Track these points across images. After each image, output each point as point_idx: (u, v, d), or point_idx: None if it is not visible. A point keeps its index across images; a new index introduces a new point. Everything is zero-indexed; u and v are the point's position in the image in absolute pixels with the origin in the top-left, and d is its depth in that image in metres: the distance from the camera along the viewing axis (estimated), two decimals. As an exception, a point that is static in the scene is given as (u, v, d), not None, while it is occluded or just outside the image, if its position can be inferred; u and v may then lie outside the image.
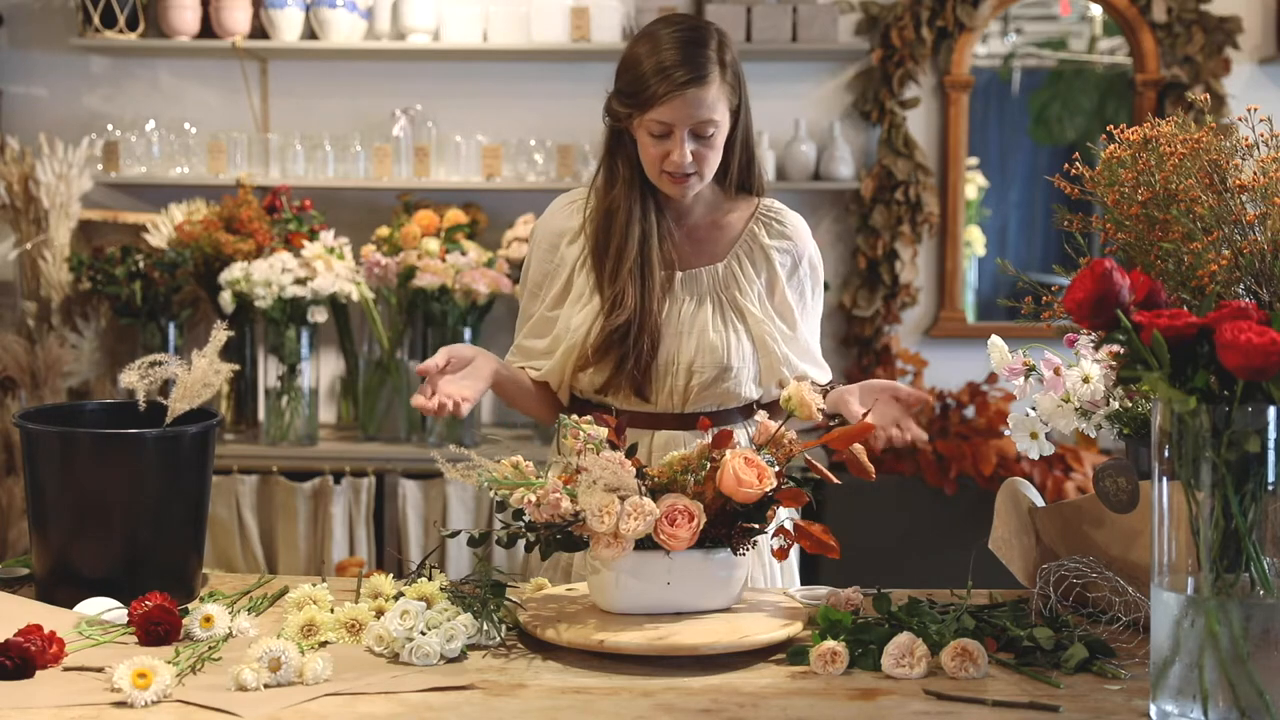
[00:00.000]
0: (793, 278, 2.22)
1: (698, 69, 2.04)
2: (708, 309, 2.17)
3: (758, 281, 2.20)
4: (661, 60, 2.04)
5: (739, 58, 2.13)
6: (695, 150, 2.08)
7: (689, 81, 2.03)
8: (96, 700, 1.51)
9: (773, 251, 2.21)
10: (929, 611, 1.75)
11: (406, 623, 1.66)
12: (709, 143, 2.09)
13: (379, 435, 4.25)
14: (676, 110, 2.04)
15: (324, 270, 4.03)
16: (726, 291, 2.19)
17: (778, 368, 2.18)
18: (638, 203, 2.15)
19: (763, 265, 2.20)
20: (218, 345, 2.03)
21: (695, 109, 2.04)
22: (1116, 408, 1.79)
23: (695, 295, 2.18)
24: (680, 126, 2.06)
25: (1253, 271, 1.57)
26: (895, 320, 4.57)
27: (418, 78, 4.58)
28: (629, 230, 2.15)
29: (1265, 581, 1.39)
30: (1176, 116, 1.70)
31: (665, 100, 2.03)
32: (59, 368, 4.06)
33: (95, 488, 1.86)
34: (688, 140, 2.07)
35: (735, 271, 2.19)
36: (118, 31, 4.39)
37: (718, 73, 2.06)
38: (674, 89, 2.03)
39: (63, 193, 4.20)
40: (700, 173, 2.11)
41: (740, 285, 2.19)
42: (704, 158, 2.09)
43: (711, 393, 2.16)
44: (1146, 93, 4.52)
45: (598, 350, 2.13)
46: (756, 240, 2.21)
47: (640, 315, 2.13)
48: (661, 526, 1.69)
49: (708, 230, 2.22)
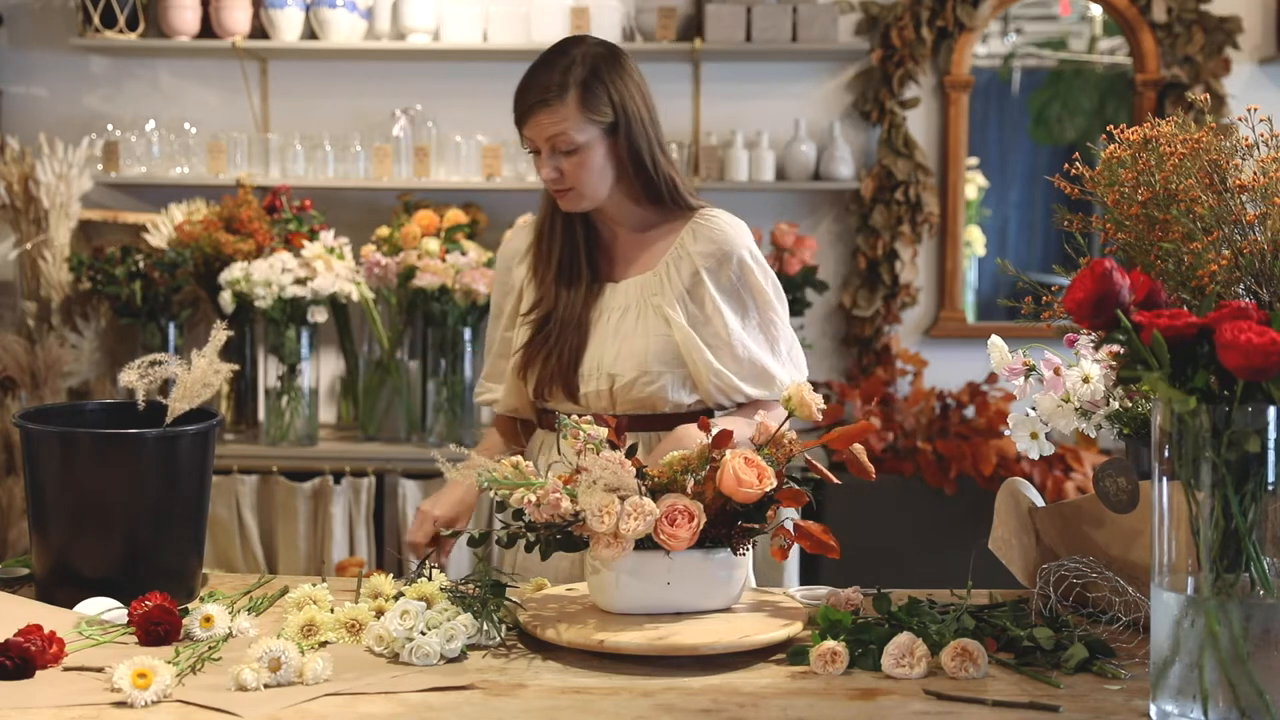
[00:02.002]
0: (720, 280, 2.18)
1: (544, 91, 2.11)
2: (633, 316, 2.19)
3: (681, 288, 2.18)
4: (520, 83, 2.17)
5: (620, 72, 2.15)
6: (563, 167, 2.13)
7: (536, 104, 2.12)
8: (96, 700, 1.51)
9: (697, 257, 2.19)
10: (929, 611, 1.75)
11: (406, 623, 1.66)
12: (575, 159, 2.12)
13: (379, 435, 4.25)
14: (532, 130, 2.14)
15: (324, 270, 4.03)
16: (652, 299, 2.19)
17: (705, 377, 2.16)
18: (560, 215, 2.22)
19: (689, 271, 2.19)
20: (218, 345, 2.03)
21: (545, 129, 2.12)
22: (1116, 408, 1.79)
23: (624, 305, 2.21)
24: (541, 145, 2.14)
25: (1253, 271, 1.57)
26: (895, 320, 4.57)
27: (418, 78, 4.58)
28: (552, 240, 2.23)
29: (1265, 581, 1.39)
30: (1176, 116, 1.70)
31: (522, 121, 2.15)
32: (59, 368, 4.06)
33: (95, 488, 1.86)
34: (552, 157, 2.13)
35: (662, 279, 2.20)
36: (118, 31, 4.39)
37: (573, 94, 2.10)
38: (525, 110, 2.14)
39: (63, 193, 4.20)
40: (576, 188, 2.15)
41: (665, 293, 2.19)
42: (573, 173, 2.13)
43: (636, 396, 2.16)
44: (1146, 93, 4.52)
45: (524, 347, 2.22)
46: (684, 248, 2.20)
47: (559, 313, 2.19)
48: (661, 526, 1.69)
49: (641, 243, 2.24)
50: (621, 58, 2.18)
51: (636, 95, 2.16)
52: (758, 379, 2.19)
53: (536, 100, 2.11)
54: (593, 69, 2.12)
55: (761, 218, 4.48)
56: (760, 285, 2.21)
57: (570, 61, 2.13)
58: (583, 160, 2.12)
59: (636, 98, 2.16)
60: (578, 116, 2.11)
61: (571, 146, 2.11)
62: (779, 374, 2.20)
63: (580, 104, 2.11)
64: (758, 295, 2.21)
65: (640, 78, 2.19)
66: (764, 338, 2.22)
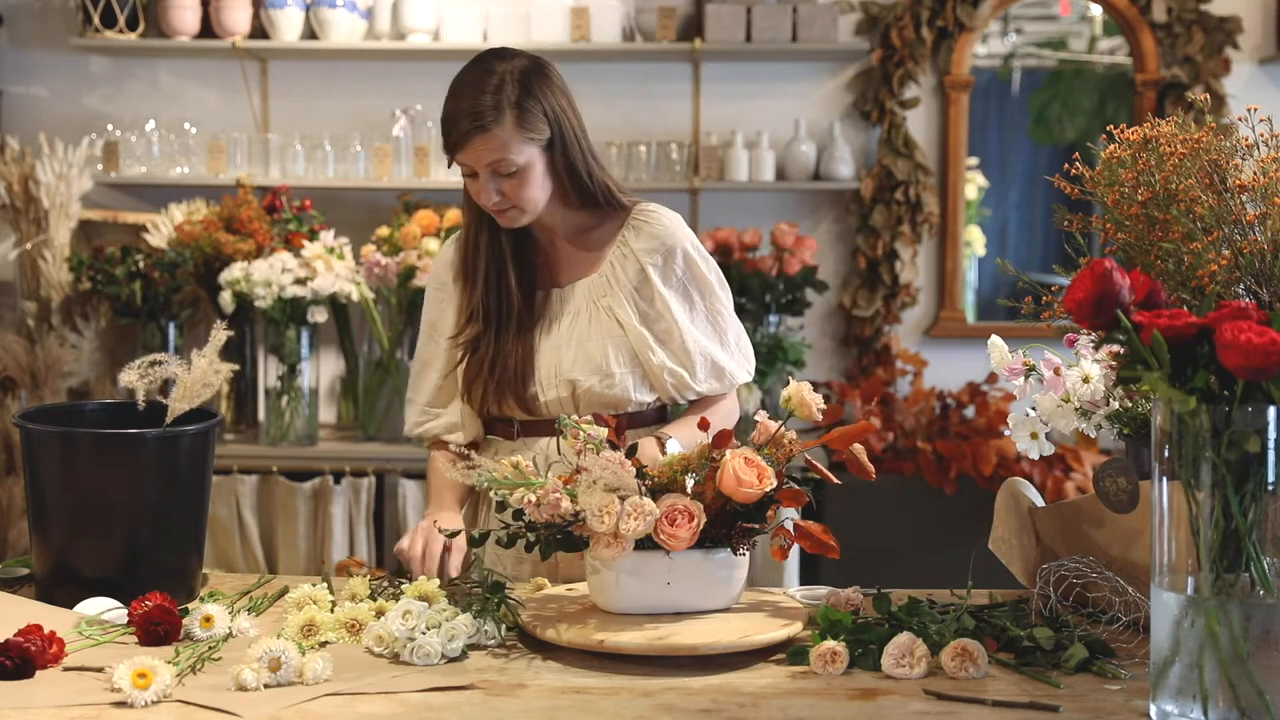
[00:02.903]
0: (668, 276, 2.18)
1: (478, 117, 2.04)
2: (585, 320, 2.17)
3: (629, 286, 2.17)
4: (448, 110, 2.09)
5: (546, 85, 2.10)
6: (503, 187, 2.08)
7: (471, 130, 2.05)
8: (96, 700, 1.51)
9: (642, 254, 2.18)
10: (929, 611, 1.75)
11: (409, 622, 1.66)
12: (516, 180, 2.08)
13: (379, 435, 4.25)
14: (469, 156, 2.07)
15: (324, 270, 4.03)
16: (602, 300, 2.18)
17: (659, 375, 2.15)
18: (485, 228, 2.18)
19: (635, 269, 2.18)
20: (218, 345, 2.03)
21: (484, 154, 2.06)
22: (1116, 408, 1.79)
23: (573, 309, 2.19)
24: (479, 169, 2.08)
25: (1253, 271, 1.57)
26: (895, 320, 4.57)
27: (418, 78, 4.58)
28: (477, 255, 2.19)
29: (1265, 581, 1.39)
30: (1176, 116, 1.70)
31: (458, 148, 2.08)
32: (59, 368, 4.06)
33: (95, 488, 1.86)
34: (492, 180, 2.08)
35: (609, 279, 2.18)
36: (118, 31, 4.39)
37: (509, 115, 2.05)
38: (460, 137, 2.06)
39: (63, 193, 4.21)
40: (519, 206, 2.11)
41: (612, 290, 2.18)
42: (515, 193, 2.09)
43: (599, 400, 2.15)
44: (1146, 93, 4.52)
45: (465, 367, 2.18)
46: (627, 245, 2.19)
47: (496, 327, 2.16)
48: (661, 526, 1.69)
49: (580, 245, 2.21)
50: (547, 69, 2.14)
51: (566, 106, 2.13)
52: (709, 373, 2.19)
53: (472, 126, 2.05)
54: (524, 86, 2.08)
55: (761, 218, 4.48)
56: (705, 276, 2.21)
57: (500, 81, 2.07)
58: (524, 179, 2.09)
59: (567, 109, 2.13)
60: (516, 138, 2.06)
61: (513, 169, 2.07)
62: (729, 367, 2.21)
63: (517, 124, 2.06)
64: (703, 286, 2.21)
65: (564, 85, 2.16)
66: (712, 330, 2.21)
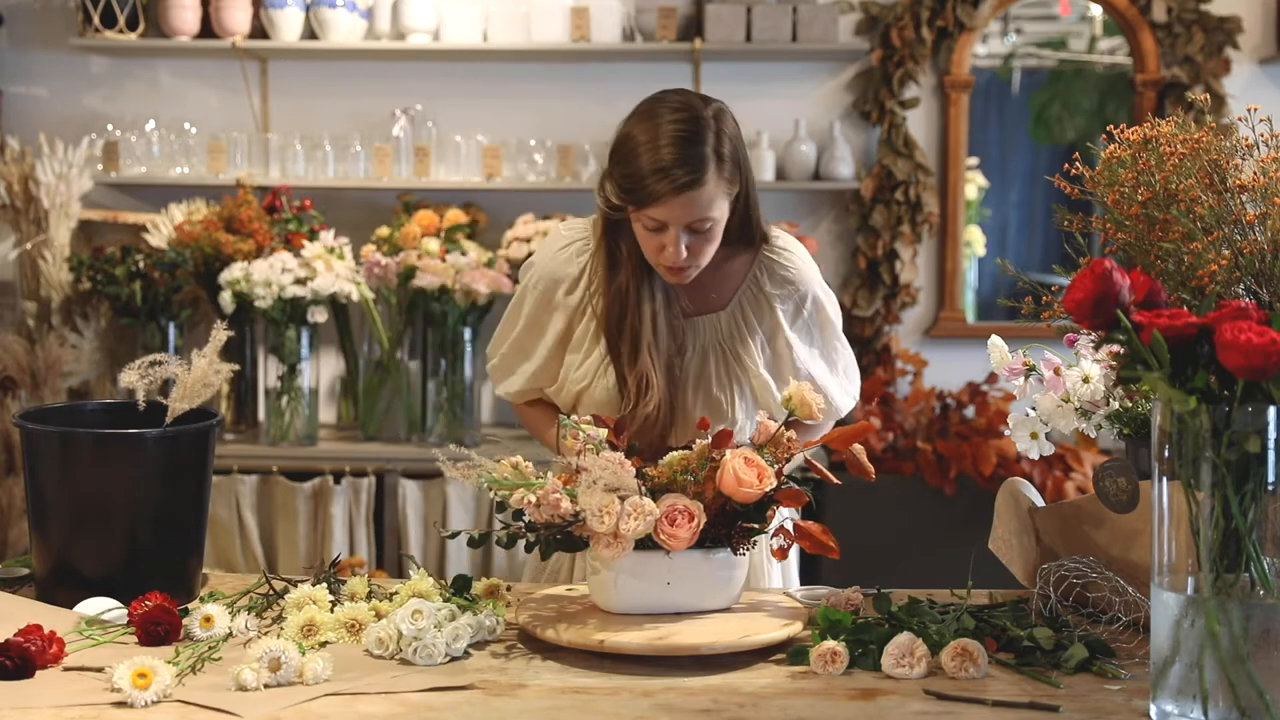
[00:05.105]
0: (796, 322, 2.16)
1: (694, 170, 1.95)
2: (711, 363, 2.13)
3: (759, 331, 2.14)
4: (659, 159, 1.95)
5: (737, 132, 2.02)
6: (691, 243, 2.01)
7: (686, 185, 1.95)
8: (96, 700, 1.51)
9: (775, 299, 2.14)
10: (929, 611, 1.75)
11: (418, 622, 1.66)
12: (706, 236, 2.01)
13: (379, 435, 4.25)
14: (672, 210, 1.97)
15: (324, 270, 4.03)
16: (729, 343, 2.13)
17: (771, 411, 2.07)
18: (645, 284, 2.09)
19: (765, 313, 2.14)
20: (218, 345, 2.03)
21: (692, 209, 1.97)
22: (1116, 408, 1.79)
23: (698, 345, 2.13)
24: (675, 225, 1.99)
25: (1253, 271, 1.57)
26: (895, 320, 4.57)
27: (418, 78, 4.58)
28: (640, 314, 2.08)
29: (1265, 581, 1.39)
30: (1176, 116, 1.70)
31: (662, 201, 1.96)
32: (59, 368, 4.06)
33: (95, 488, 1.86)
34: (685, 235, 2.00)
35: (738, 320, 2.14)
36: (118, 31, 4.39)
37: (714, 169, 1.97)
38: (670, 192, 1.95)
39: (63, 193, 4.21)
40: (696, 263, 2.04)
41: (742, 336, 2.13)
42: (700, 250, 2.02)
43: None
44: (1146, 93, 4.52)
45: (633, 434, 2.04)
46: (759, 286, 2.14)
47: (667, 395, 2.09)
48: (661, 526, 1.69)
49: (710, 278, 2.12)
50: (730, 113, 2.04)
51: (745, 151, 2.05)
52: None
53: (689, 180, 1.94)
54: (721, 133, 1.98)
55: (761, 218, 4.48)
56: (830, 319, 2.20)
57: (704, 129, 1.97)
58: (713, 235, 2.01)
59: (747, 155, 2.05)
60: (720, 193, 1.99)
61: (709, 225, 1.99)
62: (835, 398, 2.20)
63: (721, 178, 1.98)
64: (825, 326, 2.20)
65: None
66: (824, 363, 2.21)
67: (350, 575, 1.95)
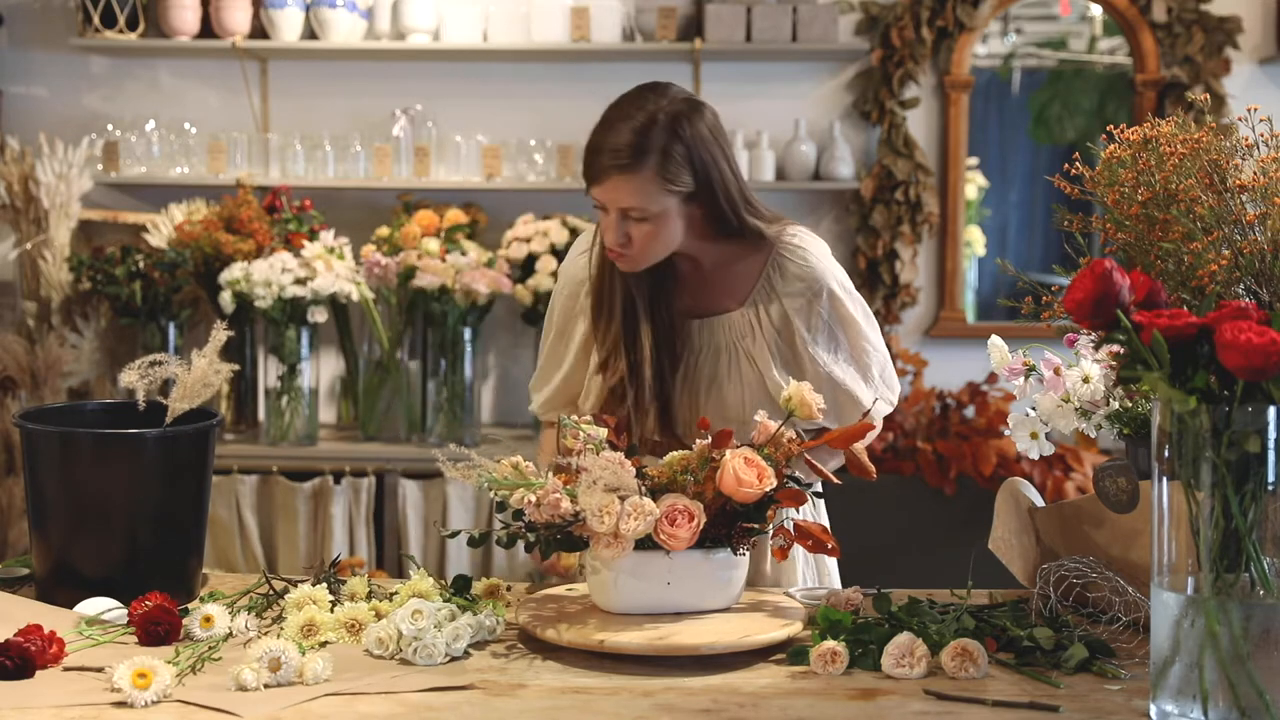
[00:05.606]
0: (811, 320, 2.09)
1: (622, 157, 1.94)
2: (723, 362, 2.10)
3: (772, 331, 2.09)
4: (596, 140, 1.98)
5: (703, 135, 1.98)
6: (631, 231, 1.98)
7: (612, 168, 1.95)
8: (96, 700, 1.51)
9: (786, 298, 2.08)
10: (929, 611, 1.75)
11: (419, 622, 1.66)
12: (647, 229, 1.98)
13: (379, 435, 4.25)
14: (605, 192, 1.98)
15: (324, 270, 4.03)
16: (742, 342, 2.09)
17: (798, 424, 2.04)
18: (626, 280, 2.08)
19: (778, 312, 2.09)
20: (218, 345, 2.03)
21: (620, 195, 1.96)
22: (1116, 408, 1.79)
23: (711, 345, 2.10)
24: (612, 208, 1.98)
25: (1253, 271, 1.57)
26: (895, 320, 4.57)
27: (418, 78, 4.58)
28: (614, 291, 2.09)
29: (1265, 581, 1.39)
30: (1176, 116, 1.70)
31: (595, 181, 1.98)
32: (59, 368, 4.06)
33: (95, 488, 1.86)
34: (622, 222, 1.98)
35: (751, 320, 2.09)
36: (118, 31, 4.39)
37: (652, 162, 1.94)
38: (599, 172, 1.96)
39: (63, 193, 4.21)
40: (640, 255, 2.01)
41: (755, 335, 2.09)
42: (640, 240, 1.99)
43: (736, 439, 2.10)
44: (1146, 93, 4.52)
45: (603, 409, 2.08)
46: (772, 285, 2.09)
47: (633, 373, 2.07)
48: (661, 526, 1.69)
49: (724, 276, 2.10)
50: (703, 111, 2.01)
51: (719, 156, 2.00)
52: (850, 413, 2.08)
53: (610, 164, 1.94)
54: (673, 131, 1.95)
55: (761, 218, 4.48)
56: (850, 316, 2.11)
57: (649, 120, 1.95)
58: (655, 230, 1.98)
59: (720, 159, 2.00)
60: (655, 186, 1.95)
61: (644, 216, 1.97)
62: (868, 404, 2.09)
63: (658, 173, 1.95)
64: (848, 327, 2.11)
65: (718, 128, 2.03)
66: (855, 369, 2.11)
67: (350, 575, 1.94)
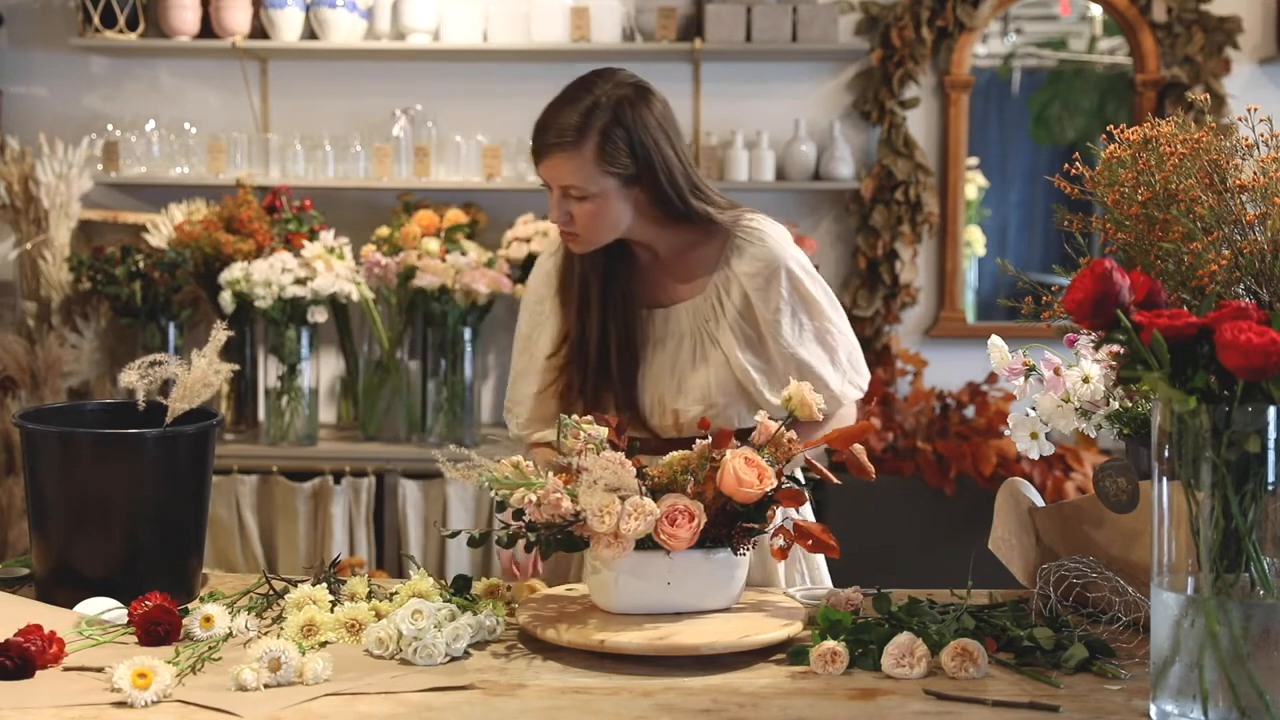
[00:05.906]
0: (770, 300, 2.10)
1: (558, 135, 2.01)
2: (688, 347, 2.14)
3: (733, 312, 2.12)
4: (540, 118, 2.05)
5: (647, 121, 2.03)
6: (573, 210, 2.04)
7: (554, 146, 2.01)
8: (96, 700, 1.51)
9: (744, 279, 2.11)
10: (929, 611, 1.75)
11: (419, 622, 1.66)
12: (588, 209, 2.03)
13: (379, 435, 4.25)
14: (546, 170, 2.04)
15: (324, 270, 4.03)
16: (706, 326, 2.13)
17: (764, 404, 2.09)
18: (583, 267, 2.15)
19: (738, 294, 2.12)
20: (218, 345, 2.03)
21: (557, 173, 2.02)
22: (1116, 408, 1.79)
23: (676, 333, 2.15)
24: (554, 185, 2.05)
25: (1253, 271, 1.57)
26: (895, 320, 4.57)
27: (418, 78, 4.58)
28: (572, 274, 2.16)
29: (1265, 581, 1.39)
30: (1176, 116, 1.70)
31: (539, 159, 2.05)
32: (59, 368, 4.06)
33: (95, 488, 1.86)
34: (564, 201, 2.04)
35: (713, 304, 2.13)
36: (118, 31, 4.39)
37: (590, 143, 2.00)
38: (543, 149, 2.03)
39: (63, 193, 4.21)
40: (584, 235, 2.06)
41: (718, 319, 2.12)
42: (583, 220, 2.04)
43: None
44: (1146, 93, 4.52)
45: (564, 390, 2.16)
46: (730, 267, 2.13)
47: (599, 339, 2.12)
48: (662, 526, 1.69)
49: (683, 263, 2.15)
50: (649, 98, 2.05)
51: (663, 141, 2.05)
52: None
53: (553, 142, 2.01)
54: (615, 115, 2.01)
55: (761, 218, 4.48)
56: (811, 295, 2.13)
57: (593, 103, 2.01)
58: (596, 210, 2.03)
59: (663, 145, 2.05)
60: (594, 167, 2.01)
61: (584, 195, 2.02)
62: (837, 387, 2.13)
63: (597, 154, 2.00)
64: (810, 306, 2.13)
65: (667, 115, 2.08)
66: (821, 350, 2.13)
67: (350, 575, 1.94)
